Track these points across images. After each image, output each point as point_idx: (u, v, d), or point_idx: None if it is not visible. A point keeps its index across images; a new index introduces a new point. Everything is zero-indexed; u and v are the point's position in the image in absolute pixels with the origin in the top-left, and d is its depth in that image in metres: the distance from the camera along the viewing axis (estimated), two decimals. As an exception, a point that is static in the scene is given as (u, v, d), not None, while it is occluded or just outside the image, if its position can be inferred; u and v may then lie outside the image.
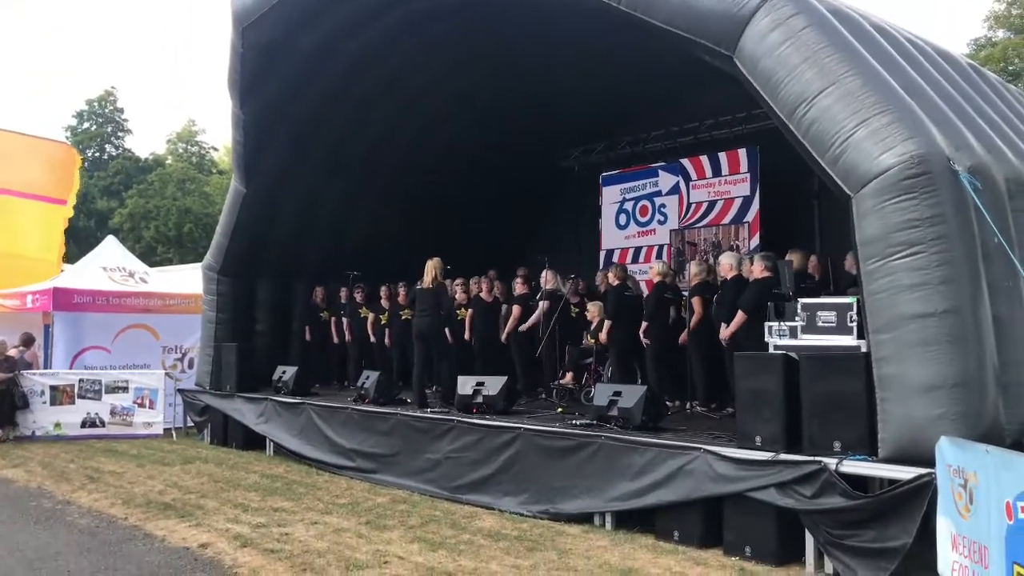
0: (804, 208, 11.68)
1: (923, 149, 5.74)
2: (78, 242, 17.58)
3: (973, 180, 5.94)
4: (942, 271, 5.60)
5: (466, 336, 11.70)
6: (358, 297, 13.13)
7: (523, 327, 11.20)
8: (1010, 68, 24.51)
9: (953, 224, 5.71)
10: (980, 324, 5.74)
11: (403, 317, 12.08)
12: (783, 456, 6.14)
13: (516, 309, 11.33)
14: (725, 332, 8.50)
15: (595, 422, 7.94)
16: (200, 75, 71.21)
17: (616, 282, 10.07)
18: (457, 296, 11.95)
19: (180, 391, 13.49)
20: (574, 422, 8.15)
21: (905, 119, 5.94)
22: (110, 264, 15.05)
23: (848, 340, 6.45)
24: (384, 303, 12.93)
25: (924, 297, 5.60)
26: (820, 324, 6.65)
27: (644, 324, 9.64)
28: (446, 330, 11.02)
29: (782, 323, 6.99)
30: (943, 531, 4.87)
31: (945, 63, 8.36)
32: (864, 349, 6.07)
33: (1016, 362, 6.05)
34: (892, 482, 5.56)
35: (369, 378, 10.54)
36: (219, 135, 56.52)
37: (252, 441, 11.72)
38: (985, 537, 4.30)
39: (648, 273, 11.05)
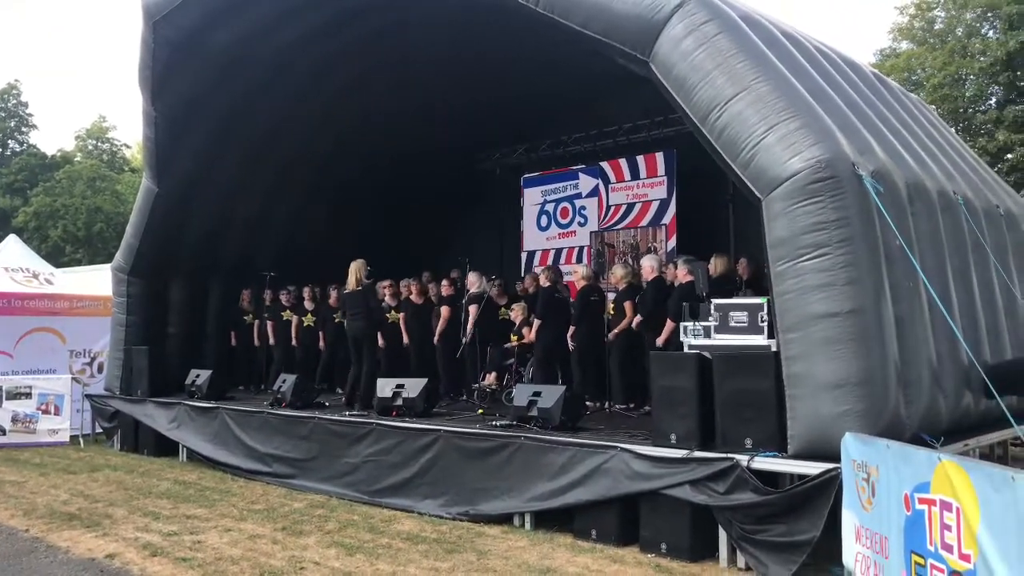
0: (719, 210, 11.95)
1: (829, 154, 5.93)
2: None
3: (876, 184, 6.17)
4: (847, 272, 5.80)
5: (404, 340, 11.60)
6: (284, 299, 12.89)
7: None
8: (913, 78, 25.51)
9: (857, 227, 5.92)
10: (883, 323, 5.96)
11: (336, 320, 11.93)
12: (697, 453, 6.27)
13: (444, 311, 11.27)
14: (659, 339, 8.58)
15: (515, 423, 7.96)
16: (111, 68, 68.95)
17: (547, 283, 10.12)
18: (387, 299, 11.85)
19: (88, 396, 13.00)
20: (494, 423, 8.15)
21: (812, 124, 6.13)
22: (12, 264, 14.39)
23: (759, 339, 6.63)
24: (308, 305, 12.73)
25: (830, 297, 5.78)
26: (732, 324, 6.81)
27: (572, 328, 9.72)
28: (378, 333, 10.91)
29: (696, 323, 7.13)
30: (847, 523, 5.05)
31: (851, 71, 8.67)
32: (774, 348, 6.25)
33: (916, 360, 6.32)
34: (801, 477, 5.74)
35: (286, 381, 10.35)
36: (131, 132, 54.75)
37: (164, 447, 11.37)
38: (886, 528, 4.47)
39: (572, 276, 11.15)
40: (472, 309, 10.85)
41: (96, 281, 14.84)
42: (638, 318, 8.89)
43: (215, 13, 10.38)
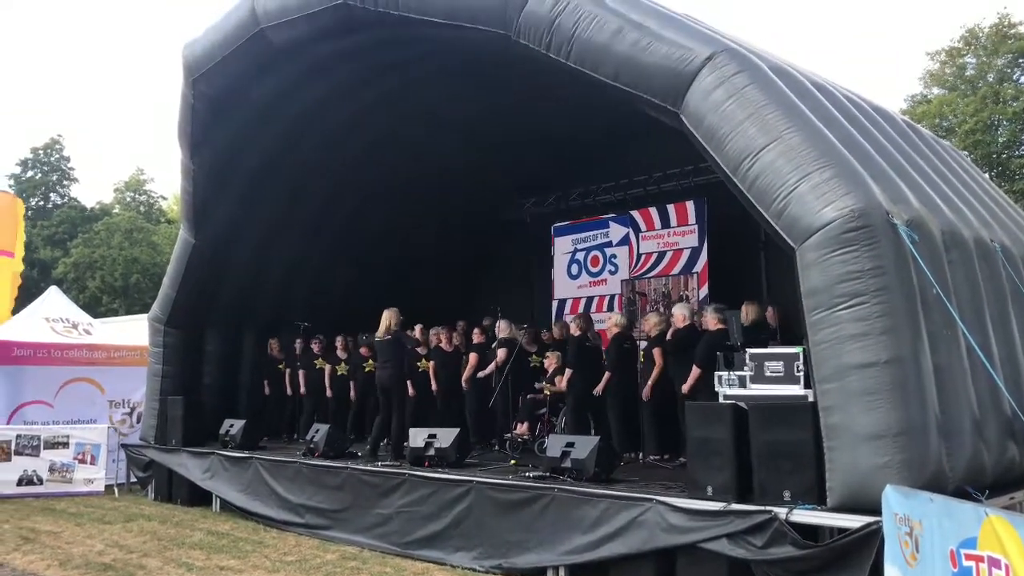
0: (751, 259, 11.90)
1: (863, 203, 5.92)
2: (18, 292, 17.15)
3: (911, 233, 6.13)
4: (883, 321, 5.74)
5: (433, 388, 11.62)
6: (315, 348, 12.99)
7: (481, 374, 11.14)
8: (944, 124, 25.46)
9: (893, 275, 5.88)
10: (921, 373, 5.87)
11: (367, 369, 11.99)
12: (734, 506, 6.16)
13: (472, 357, 11.32)
14: (684, 387, 8.53)
15: (548, 474, 7.90)
16: (149, 123, 70.71)
17: (578, 332, 10.11)
18: (418, 347, 11.92)
19: (124, 446, 13.11)
20: (527, 474, 8.09)
21: (845, 174, 6.12)
22: (53, 315, 14.62)
23: (795, 389, 6.55)
24: (340, 354, 12.82)
25: (867, 347, 5.72)
26: (768, 374, 6.75)
27: (607, 375, 9.67)
28: (408, 381, 10.95)
29: (731, 373, 7.07)
30: (891, 579, 4.92)
31: (881, 119, 8.67)
32: (811, 398, 6.17)
33: (956, 410, 6.20)
34: (841, 531, 5.62)
35: (319, 431, 10.37)
36: (168, 184, 55.94)
37: (198, 497, 11.41)
38: (932, 585, 4.35)
39: (605, 324, 11.13)
40: (501, 352, 10.86)
41: (134, 331, 15.05)
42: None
43: (252, 70, 10.64)
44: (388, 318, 10.12)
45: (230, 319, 13.23)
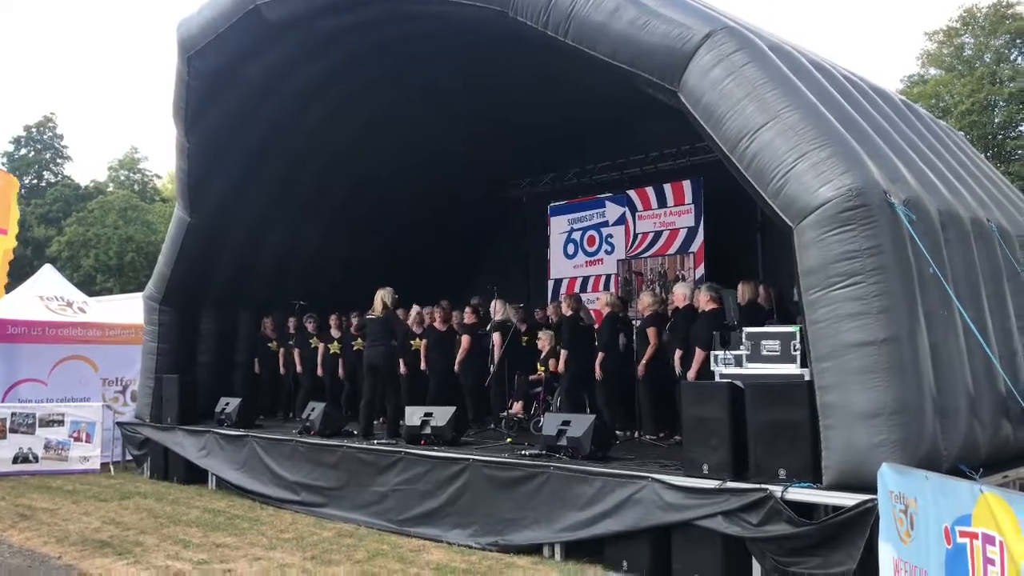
0: (748, 238, 11.90)
1: (860, 182, 5.91)
2: (12, 271, 16.98)
3: (908, 212, 6.13)
4: (880, 301, 5.75)
5: (422, 366, 11.62)
6: (309, 327, 12.97)
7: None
8: (941, 105, 25.42)
9: (890, 255, 5.88)
10: (918, 352, 5.89)
11: (355, 347, 11.97)
12: (730, 484, 6.20)
13: (465, 339, 11.29)
14: (690, 373, 8.52)
15: (544, 452, 7.92)
16: (143, 100, 70.24)
17: (569, 312, 10.11)
18: (412, 327, 11.89)
19: (119, 424, 13.12)
20: (523, 452, 8.12)
21: (843, 153, 6.11)
22: (47, 293, 14.58)
23: (792, 368, 6.57)
24: (335, 332, 12.80)
25: (864, 326, 5.73)
26: (764, 353, 6.77)
27: (601, 355, 9.68)
28: (399, 360, 10.93)
29: (727, 352, 7.09)
30: (885, 556, 4.96)
31: (879, 99, 8.65)
32: (807, 377, 6.19)
33: (952, 389, 6.23)
34: (836, 509, 5.65)
35: (315, 410, 10.38)
36: (163, 162, 55.72)
37: (194, 475, 11.43)
38: (925, 562, 4.39)
39: (597, 303, 11.13)
40: (497, 337, 10.84)
41: (128, 310, 15.00)
42: (679, 352, 8.76)
43: (247, 47, 10.55)
44: (382, 297, 10.10)
45: (225, 297, 13.20)
